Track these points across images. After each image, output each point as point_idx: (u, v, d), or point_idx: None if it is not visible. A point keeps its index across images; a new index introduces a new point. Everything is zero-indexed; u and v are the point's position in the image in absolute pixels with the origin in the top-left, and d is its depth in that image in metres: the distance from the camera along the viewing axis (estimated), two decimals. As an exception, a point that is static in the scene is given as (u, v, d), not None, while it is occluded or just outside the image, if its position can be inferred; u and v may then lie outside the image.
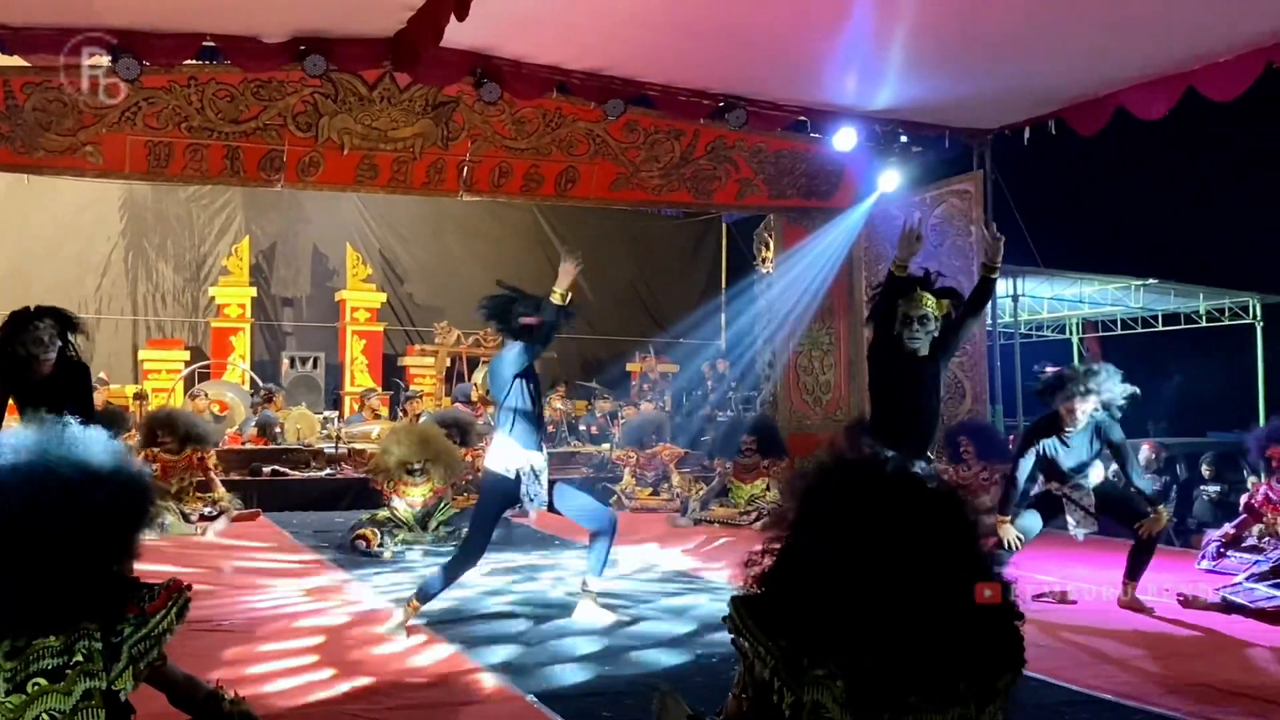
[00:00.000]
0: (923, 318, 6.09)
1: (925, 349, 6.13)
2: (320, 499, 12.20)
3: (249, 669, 5.11)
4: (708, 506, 11.30)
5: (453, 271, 18.41)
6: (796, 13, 8.36)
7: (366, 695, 4.74)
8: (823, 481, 2.66)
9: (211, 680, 3.19)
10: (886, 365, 6.25)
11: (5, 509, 2.71)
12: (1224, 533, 8.44)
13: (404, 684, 4.95)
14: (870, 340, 6.45)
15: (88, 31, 8.33)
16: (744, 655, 2.60)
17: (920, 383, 6.18)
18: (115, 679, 2.75)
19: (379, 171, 11.08)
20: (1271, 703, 4.74)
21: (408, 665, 5.31)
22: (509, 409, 6.07)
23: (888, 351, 6.20)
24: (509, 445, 6.04)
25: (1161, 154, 13.61)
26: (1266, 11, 7.81)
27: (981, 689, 2.53)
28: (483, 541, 6.10)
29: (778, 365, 13.48)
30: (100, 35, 8.40)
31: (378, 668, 5.22)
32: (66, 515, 2.74)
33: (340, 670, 5.14)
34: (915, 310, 6.10)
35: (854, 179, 12.48)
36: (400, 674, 5.12)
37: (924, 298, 6.12)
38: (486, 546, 6.15)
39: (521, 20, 8.67)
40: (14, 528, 2.69)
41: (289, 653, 5.49)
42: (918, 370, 6.16)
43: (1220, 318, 14.76)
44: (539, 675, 5.13)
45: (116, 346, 17.01)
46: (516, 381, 6.05)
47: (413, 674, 5.15)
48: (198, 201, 17.60)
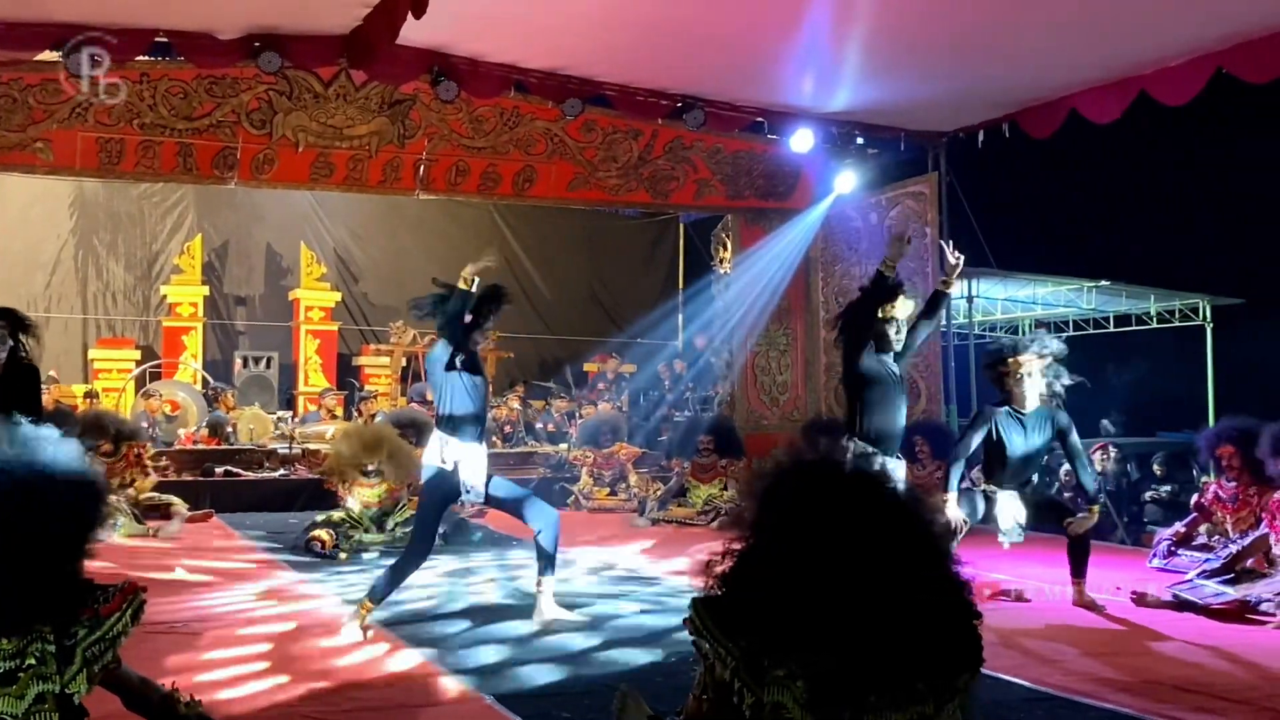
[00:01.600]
0: (902, 320, 6.40)
1: (900, 349, 6.41)
2: (274, 500, 12.11)
3: (204, 672, 5.06)
4: (665, 506, 11.32)
5: (408, 271, 18.25)
6: (754, 14, 8.38)
7: (322, 697, 4.70)
8: (780, 482, 2.67)
9: (166, 683, 3.15)
10: (872, 367, 6.41)
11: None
12: (1175, 531, 8.55)
13: (360, 686, 4.91)
14: (848, 342, 6.52)
15: (38, 26, 8.21)
16: (704, 656, 2.61)
17: (898, 382, 6.48)
18: (69, 682, 2.71)
19: (334, 169, 11.00)
20: (1221, 698, 4.80)
21: (364, 667, 5.27)
22: (444, 404, 6.08)
23: (871, 353, 6.36)
24: (443, 439, 6.03)
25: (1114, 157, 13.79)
26: (1217, 17, 7.92)
27: (940, 688, 2.55)
28: (428, 539, 6.10)
29: (735, 365, 13.52)
30: (51, 30, 8.28)
31: (334, 670, 5.18)
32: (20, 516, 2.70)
33: (295, 673, 5.09)
34: (899, 312, 6.39)
35: (811, 180, 12.55)
36: (357, 676, 5.08)
37: (903, 300, 6.36)
38: (432, 544, 6.16)
39: (479, 18, 8.64)
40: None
41: (244, 656, 5.43)
42: (894, 370, 6.47)
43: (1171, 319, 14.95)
44: (498, 676, 5.11)
45: (66, 345, 16.75)
46: (451, 376, 6.05)
47: (369, 676, 5.11)
48: (149, 199, 17.38)
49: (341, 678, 5.04)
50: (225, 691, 4.73)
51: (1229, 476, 8.04)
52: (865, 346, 6.38)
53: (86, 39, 8.42)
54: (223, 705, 4.43)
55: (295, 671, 5.13)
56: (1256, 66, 8.14)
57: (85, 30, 8.38)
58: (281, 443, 13.58)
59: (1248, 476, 7.81)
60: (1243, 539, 7.36)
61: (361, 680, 5.02)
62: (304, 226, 18.13)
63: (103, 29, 8.40)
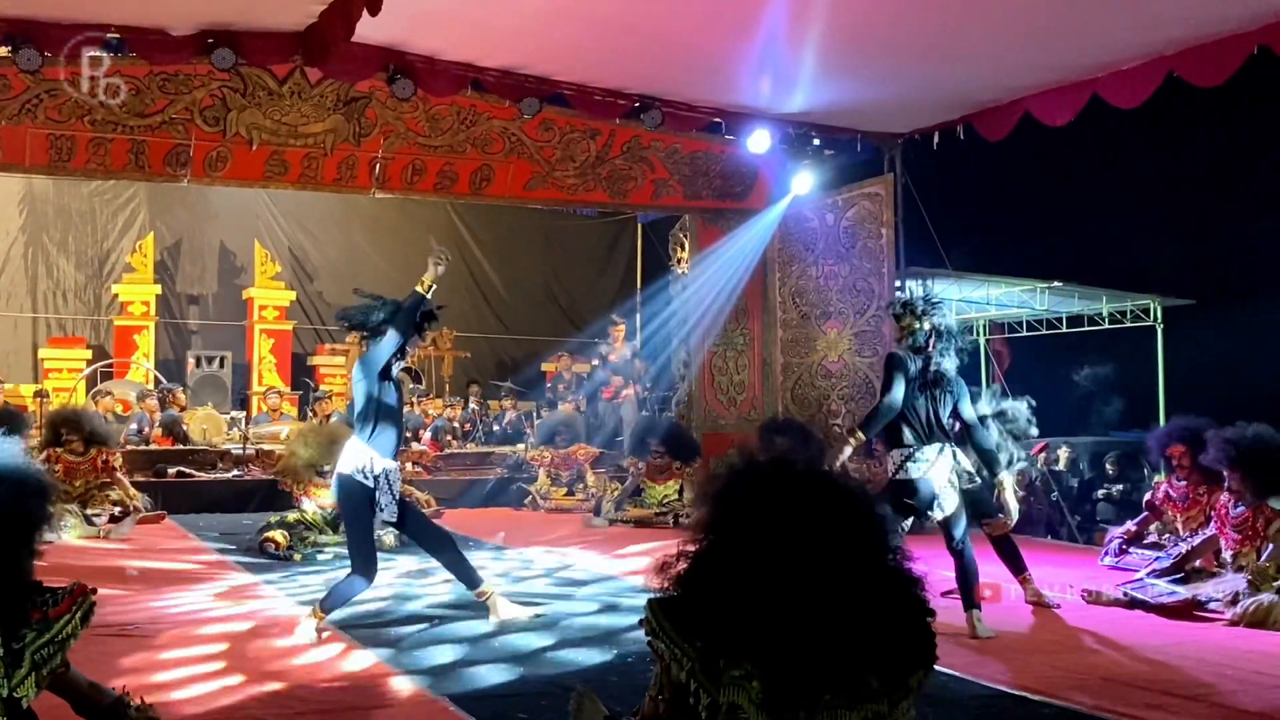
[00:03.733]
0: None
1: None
2: (228, 500, 12.01)
3: (155, 675, 5.00)
4: (622, 507, 11.34)
5: (364, 269, 18.17)
6: (712, 14, 8.41)
7: (276, 700, 4.67)
8: (733, 484, 2.68)
9: (116, 686, 3.13)
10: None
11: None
12: (1126, 530, 8.65)
13: (315, 688, 4.88)
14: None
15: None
16: (660, 657, 2.61)
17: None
18: (17, 686, 2.68)
19: (289, 167, 10.92)
20: (1171, 694, 4.87)
21: (319, 669, 5.24)
22: (366, 412, 5.98)
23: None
24: (362, 449, 5.94)
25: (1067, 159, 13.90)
26: (1168, 22, 8.01)
27: (894, 686, 2.57)
28: (368, 551, 5.98)
29: (693, 365, 13.54)
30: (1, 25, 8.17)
31: (288, 672, 5.14)
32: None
33: (249, 675, 5.05)
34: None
35: (768, 181, 12.59)
36: (311, 678, 5.05)
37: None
38: (374, 555, 6.03)
39: (434, 16, 8.61)
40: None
41: (196, 658, 5.38)
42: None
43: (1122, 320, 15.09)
44: (453, 676, 5.10)
45: (15, 344, 16.54)
46: (385, 385, 5.96)
47: (324, 678, 5.08)
48: (101, 196, 17.17)
49: (295, 679, 5.00)
50: (178, 692, 4.69)
51: (1179, 476, 8.15)
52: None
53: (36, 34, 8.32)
54: (176, 707, 4.40)
55: (249, 672, 5.09)
56: (1205, 71, 8.26)
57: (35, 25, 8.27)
58: (235, 443, 13.47)
59: (1197, 476, 7.91)
60: (1193, 537, 7.48)
61: (316, 681, 4.99)
62: (258, 224, 18.00)
63: (54, 24, 8.30)
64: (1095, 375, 15.18)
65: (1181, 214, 14.34)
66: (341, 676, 5.12)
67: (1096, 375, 15.18)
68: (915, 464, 6.25)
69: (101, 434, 10.39)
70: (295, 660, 5.38)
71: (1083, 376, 15.24)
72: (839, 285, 11.90)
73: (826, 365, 12.10)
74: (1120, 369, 15.14)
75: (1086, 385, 15.22)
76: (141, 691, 3.25)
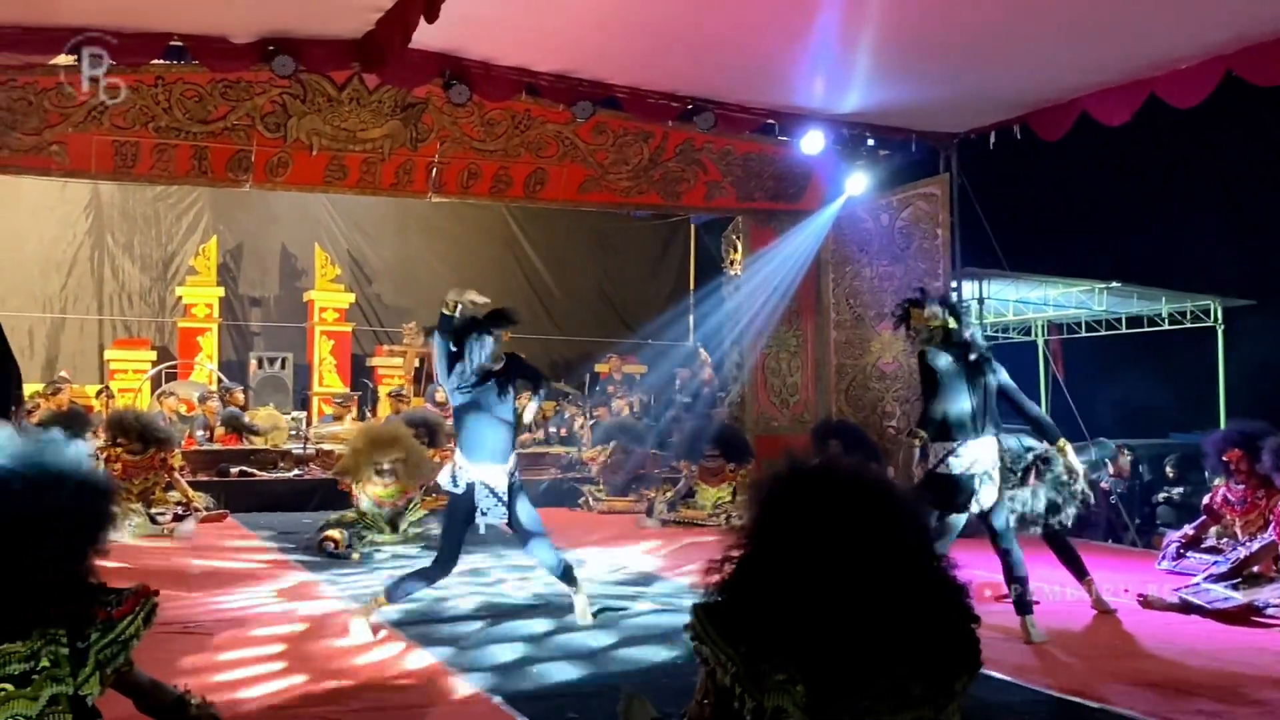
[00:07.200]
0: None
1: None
2: (288, 500, 12.17)
3: (215, 673, 5.11)
4: (674, 508, 11.35)
5: (420, 272, 18.38)
6: (765, 16, 8.40)
7: (333, 698, 4.75)
8: (778, 489, 2.70)
9: (178, 685, 3.20)
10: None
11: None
12: (1184, 534, 8.54)
13: (371, 686, 4.96)
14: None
15: (53, 31, 8.27)
16: (705, 662, 2.64)
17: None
18: (82, 684, 2.76)
19: (348, 172, 11.07)
20: (1226, 702, 4.83)
21: (375, 667, 5.32)
22: (456, 418, 6.08)
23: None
24: (455, 457, 6.05)
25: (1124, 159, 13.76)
26: (1226, 20, 7.92)
27: (939, 691, 2.58)
28: (450, 552, 6.08)
29: (745, 367, 13.54)
30: (65, 35, 8.34)
31: (345, 670, 5.23)
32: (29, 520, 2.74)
33: (307, 673, 5.15)
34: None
35: (821, 182, 12.56)
36: (368, 676, 5.13)
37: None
38: (455, 557, 6.12)
39: (490, 22, 8.68)
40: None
41: (256, 656, 5.48)
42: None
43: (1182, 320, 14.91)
44: (510, 676, 5.16)
45: (82, 346, 16.88)
46: (464, 391, 6.00)
47: (380, 676, 5.16)
48: (165, 200, 17.46)
49: (352, 678, 5.09)
50: (238, 692, 4.79)
51: (1236, 480, 8.03)
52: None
53: (101, 43, 8.49)
54: (235, 705, 4.49)
55: (306, 671, 5.18)
56: (1264, 70, 8.15)
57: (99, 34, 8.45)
58: (296, 443, 13.67)
59: (1255, 480, 7.81)
60: (1251, 541, 7.37)
61: (371, 680, 5.07)
62: (318, 228, 18.21)
63: (116, 33, 8.47)
64: (1154, 377, 15.01)
65: (1242, 214, 14.16)
66: (397, 674, 5.20)
67: (1156, 376, 15.00)
68: (957, 458, 6.20)
69: (156, 434, 10.51)
70: (353, 659, 5.47)
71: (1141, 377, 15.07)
72: (894, 286, 11.82)
73: (881, 367, 12.05)
74: (1180, 370, 14.95)
75: (1146, 387, 15.05)
76: (203, 689, 3.32)
